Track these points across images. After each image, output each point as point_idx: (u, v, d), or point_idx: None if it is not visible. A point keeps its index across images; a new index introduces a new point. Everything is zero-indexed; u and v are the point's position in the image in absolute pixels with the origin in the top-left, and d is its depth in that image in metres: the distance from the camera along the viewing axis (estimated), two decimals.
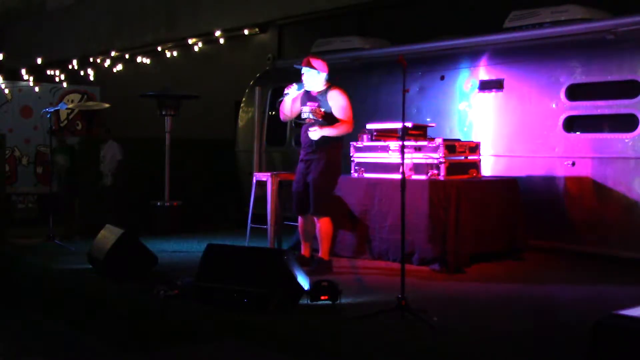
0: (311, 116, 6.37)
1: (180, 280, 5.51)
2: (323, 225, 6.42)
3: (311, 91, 6.45)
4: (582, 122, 7.22)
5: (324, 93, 6.40)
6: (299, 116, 6.58)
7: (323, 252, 6.48)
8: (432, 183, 6.69)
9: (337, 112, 6.34)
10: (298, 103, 6.53)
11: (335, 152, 6.42)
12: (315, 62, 6.38)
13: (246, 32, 13.35)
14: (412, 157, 6.91)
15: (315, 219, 6.46)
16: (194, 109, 11.62)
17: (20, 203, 11.60)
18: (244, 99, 10.73)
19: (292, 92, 6.47)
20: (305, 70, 6.39)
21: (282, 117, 6.76)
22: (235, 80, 12.63)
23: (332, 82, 6.49)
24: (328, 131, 6.30)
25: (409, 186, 5.73)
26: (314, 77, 6.38)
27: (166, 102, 9.78)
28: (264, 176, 7.55)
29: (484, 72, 7.96)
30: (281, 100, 6.60)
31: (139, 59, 15.61)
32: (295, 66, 6.57)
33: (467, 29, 8.87)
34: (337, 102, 6.34)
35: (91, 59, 16.09)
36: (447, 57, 8.41)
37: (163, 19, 14.77)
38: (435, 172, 6.79)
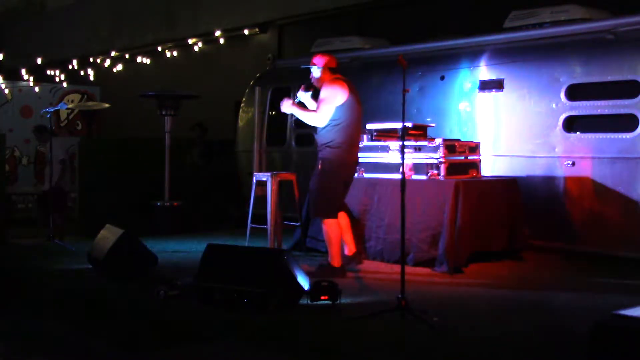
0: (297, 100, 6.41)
1: (180, 280, 5.51)
2: (326, 228, 6.28)
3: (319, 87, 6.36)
4: (582, 122, 7.22)
5: (322, 86, 6.27)
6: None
7: (330, 257, 6.31)
8: (432, 183, 6.70)
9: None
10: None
11: (333, 153, 6.18)
12: (315, 58, 6.36)
13: (246, 32, 13.36)
14: (412, 157, 6.91)
15: (320, 221, 6.39)
16: (194, 109, 11.62)
17: (20, 203, 11.60)
18: (244, 99, 10.73)
19: (301, 96, 6.43)
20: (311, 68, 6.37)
21: None
22: (235, 80, 12.63)
23: (338, 75, 6.31)
24: (295, 110, 6.30)
25: (409, 186, 5.73)
26: (315, 73, 6.32)
27: (166, 102, 9.78)
28: (264, 176, 7.55)
29: (484, 72, 7.96)
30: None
31: (139, 59, 15.61)
32: (302, 67, 6.54)
33: (467, 29, 8.88)
34: (320, 93, 6.20)
35: (91, 59, 16.09)
36: (447, 57, 8.41)
37: (163, 19, 14.77)
38: (435, 172, 6.80)
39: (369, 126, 7.40)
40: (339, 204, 6.36)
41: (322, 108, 6.11)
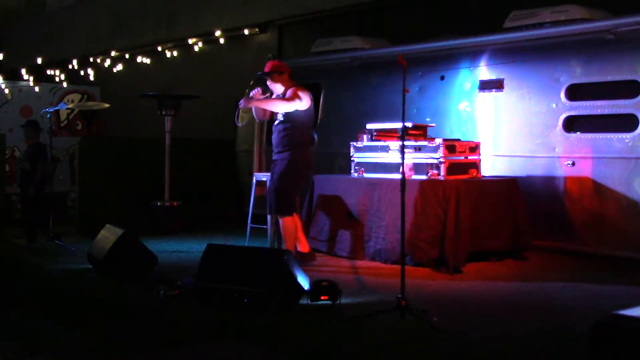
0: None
1: (180, 280, 5.51)
2: (284, 224, 6.62)
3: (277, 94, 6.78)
4: (582, 122, 7.22)
5: (284, 94, 6.69)
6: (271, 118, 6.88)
7: None
8: (432, 183, 6.70)
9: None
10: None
11: (299, 152, 6.55)
12: (276, 65, 6.78)
13: (246, 32, 13.35)
14: (412, 157, 6.92)
15: (278, 217, 6.70)
16: (194, 109, 11.62)
17: (20, 203, 11.59)
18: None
19: (256, 96, 6.73)
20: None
21: (257, 118, 7.13)
22: (235, 80, 12.62)
23: (297, 83, 6.68)
24: (259, 102, 6.66)
25: (409, 186, 5.73)
26: (277, 79, 6.72)
27: (166, 102, 9.79)
28: (264, 176, 7.55)
29: (484, 72, 7.96)
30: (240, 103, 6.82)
31: (139, 59, 15.62)
32: (258, 74, 6.93)
33: (467, 29, 8.87)
34: (292, 90, 6.58)
35: (91, 59, 16.10)
36: (447, 57, 8.41)
37: (163, 19, 14.77)
38: (435, 172, 6.80)
39: (369, 126, 7.41)
40: (295, 203, 6.72)
41: (295, 101, 6.51)
